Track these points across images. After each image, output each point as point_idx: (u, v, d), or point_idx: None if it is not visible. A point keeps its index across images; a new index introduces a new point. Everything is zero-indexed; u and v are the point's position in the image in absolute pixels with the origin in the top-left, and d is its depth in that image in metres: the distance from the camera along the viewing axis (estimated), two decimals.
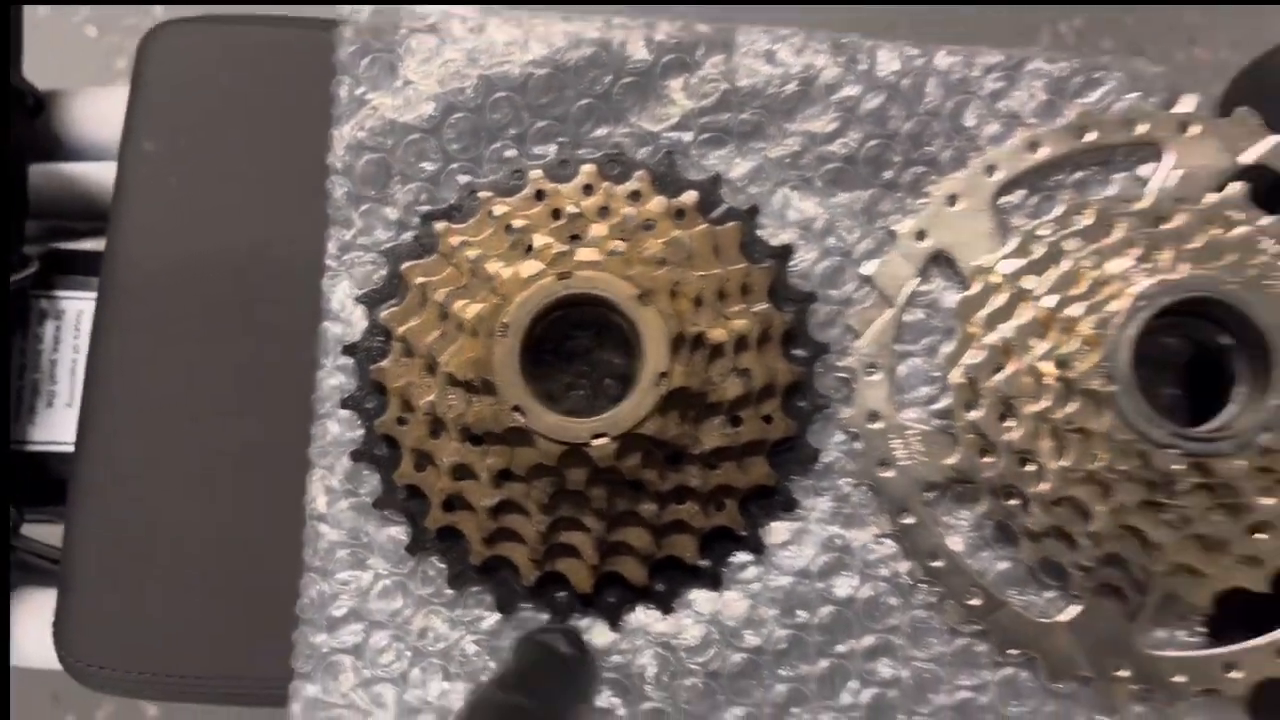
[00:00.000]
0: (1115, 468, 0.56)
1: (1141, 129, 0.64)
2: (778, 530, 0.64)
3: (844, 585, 0.63)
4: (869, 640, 0.63)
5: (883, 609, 0.63)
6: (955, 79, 0.66)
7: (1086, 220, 0.61)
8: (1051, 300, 0.59)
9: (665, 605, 0.63)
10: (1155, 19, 2.24)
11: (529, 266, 0.58)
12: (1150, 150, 0.65)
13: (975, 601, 0.61)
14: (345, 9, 0.64)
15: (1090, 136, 0.64)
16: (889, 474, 0.63)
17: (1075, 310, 0.58)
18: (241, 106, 0.68)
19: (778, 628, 0.63)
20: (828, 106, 0.66)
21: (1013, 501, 0.61)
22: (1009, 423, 0.60)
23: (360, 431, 0.64)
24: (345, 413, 0.64)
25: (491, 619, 0.63)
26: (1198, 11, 2.21)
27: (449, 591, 0.63)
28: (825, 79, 0.66)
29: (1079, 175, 0.66)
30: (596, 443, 0.56)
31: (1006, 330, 0.60)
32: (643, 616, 0.63)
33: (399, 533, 0.63)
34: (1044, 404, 0.58)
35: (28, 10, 0.71)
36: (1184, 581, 0.59)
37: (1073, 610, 0.60)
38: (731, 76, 0.66)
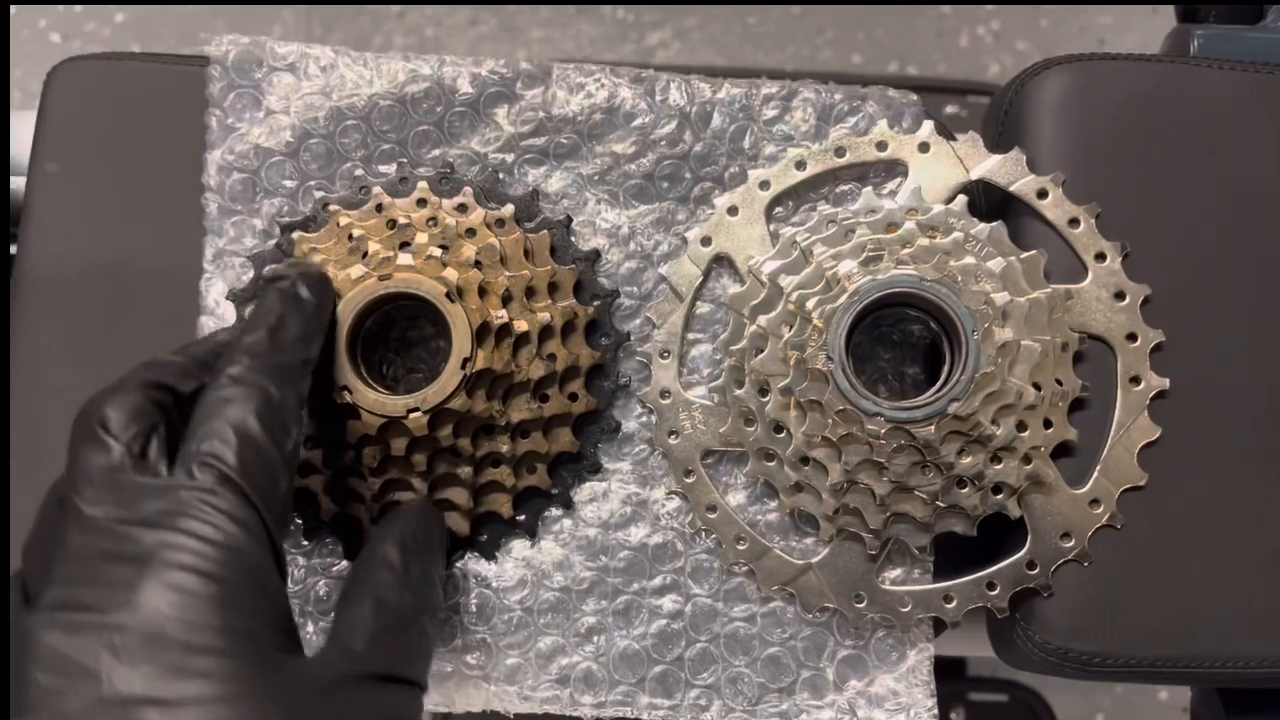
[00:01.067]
0: (840, 434, 0.68)
1: (889, 150, 0.76)
2: (586, 490, 0.76)
3: (639, 534, 0.75)
4: (659, 580, 0.75)
5: (670, 553, 0.75)
6: (738, 107, 0.78)
7: (832, 229, 0.73)
8: (797, 295, 0.71)
9: (488, 553, 0.75)
10: (1068, 22, 2.37)
11: (356, 270, 0.70)
12: (898, 167, 0.77)
13: (744, 546, 0.73)
14: (213, 49, 0.76)
15: (847, 157, 0.76)
16: (676, 441, 0.75)
17: (812, 304, 0.70)
18: (132, 133, 0.79)
19: (583, 570, 0.75)
20: (629, 132, 0.78)
21: (771, 463, 0.73)
22: (765, 398, 0.72)
23: None
24: None
25: (340, 564, 0.75)
26: (1109, 16, 2.34)
27: (305, 543, 0.75)
28: (626, 108, 0.78)
29: (840, 189, 0.78)
30: (411, 416, 0.68)
31: (765, 320, 0.72)
32: (470, 564, 0.75)
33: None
34: (788, 380, 0.70)
35: None
36: (908, 528, 0.71)
37: (822, 553, 0.72)
38: (548, 106, 0.78)
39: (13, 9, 2.23)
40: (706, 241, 0.77)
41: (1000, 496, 0.70)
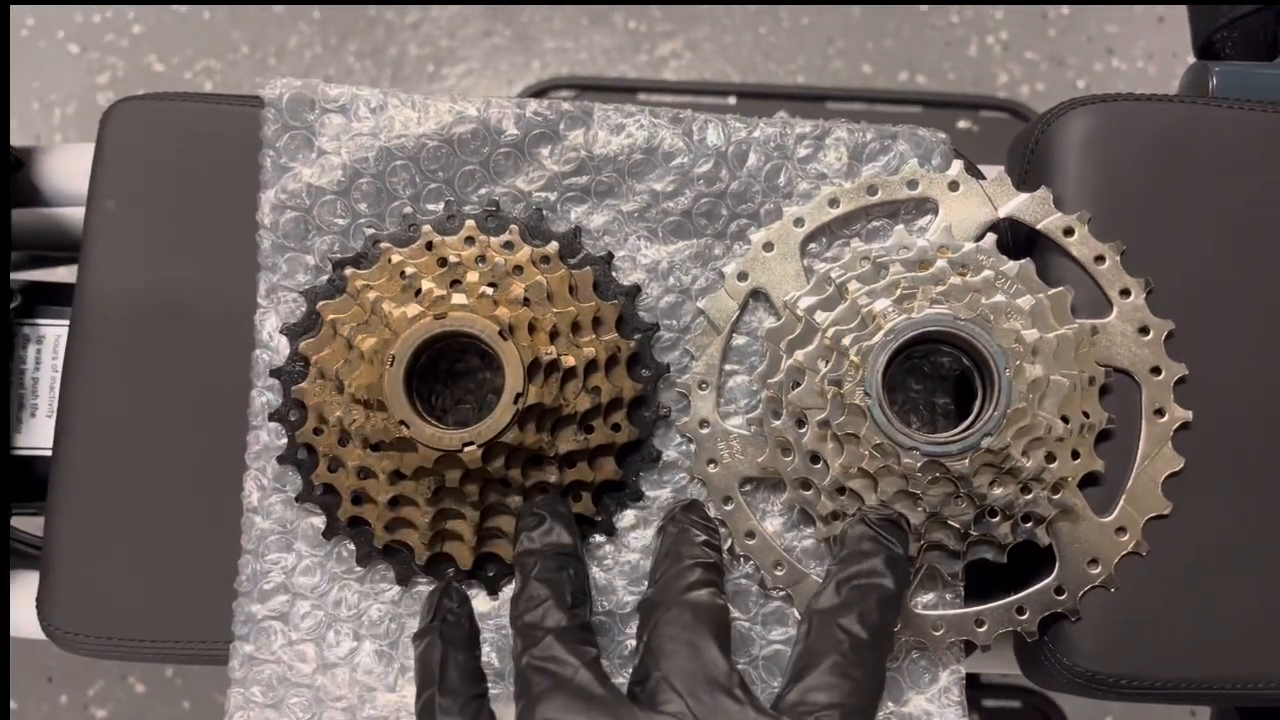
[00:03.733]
0: (877, 465, 0.71)
1: (920, 188, 0.79)
2: (627, 517, 0.79)
3: None
4: None
5: None
6: (773, 146, 0.81)
7: (865, 266, 0.76)
8: (833, 331, 0.74)
9: None
10: (1076, 32, 2.40)
11: (412, 309, 0.72)
12: (929, 205, 0.80)
13: (781, 571, 0.76)
14: (267, 91, 0.78)
15: (879, 195, 0.79)
16: (715, 470, 0.78)
17: (848, 340, 0.72)
18: (187, 172, 0.82)
19: (626, 595, 0.78)
20: (668, 170, 0.81)
21: (808, 491, 0.75)
22: (803, 429, 0.75)
23: (285, 441, 0.78)
24: (273, 425, 0.79)
25: (393, 590, 0.78)
26: (1116, 24, 2.37)
27: (358, 568, 0.78)
28: (665, 148, 0.80)
29: (872, 226, 0.80)
30: (466, 450, 0.71)
31: (801, 355, 0.75)
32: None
33: (318, 522, 0.78)
34: (825, 414, 0.73)
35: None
36: (940, 556, 0.74)
37: None
38: (590, 146, 0.81)
39: (31, 20, 2.25)
40: (743, 276, 0.79)
41: (1030, 525, 0.73)
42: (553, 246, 0.78)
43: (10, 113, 0.82)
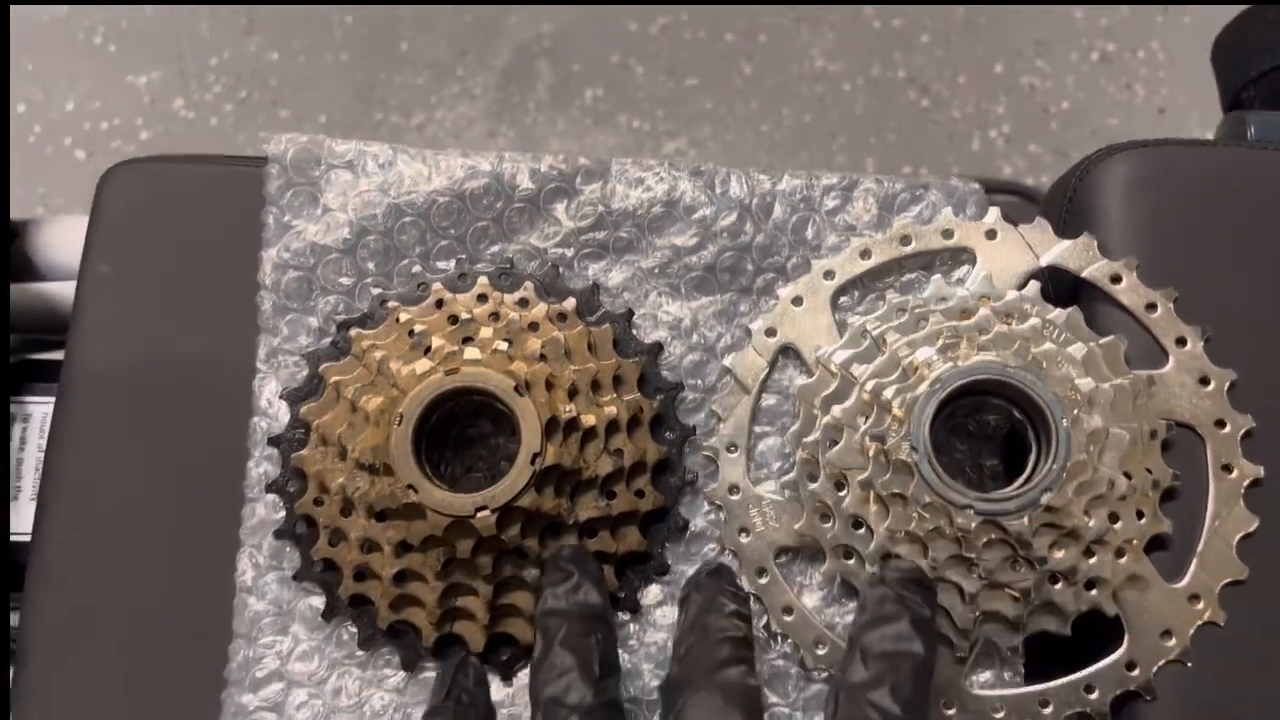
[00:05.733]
0: (926, 527, 0.65)
1: (955, 237, 0.75)
2: (652, 592, 0.73)
3: None
4: None
5: None
6: (799, 198, 0.77)
7: (904, 317, 0.71)
8: (872, 384, 0.69)
9: None
10: (1079, 124, 2.40)
11: (422, 365, 0.68)
12: (965, 255, 0.75)
13: (823, 650, 0.69)
14: (272, 147, 0.75)
15: (913, 245, 0.75)
16: (748, 539, 0.72)
17: (889, 393, 0.67)
18: (184, 234, 0.78)
19: (652, 679, 0.71)
20: (689, 224, 0.77)
21: (850, 560, 0.69)
22: (843, 492, 0.69)
23: (283, 513, 0.73)
24: (271, 497, 0.73)
25: (397, 676, 0.71)
26: (1118, 118, 2.37)
27: (360, 653, 0.71)
28: (686, 201, 0.77)
29: (906, 278, 0.76)
30: (479, 515, 0.65)
31: (839, 411, 0.70)
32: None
33: (317, 602, 0.72)
34: (868, 473, 0.67)
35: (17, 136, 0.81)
36: (997, 628, 0.68)
37: None
38: (607, 200, 0.77)
39: (38, 127, 2.26)
40: (771, 332, 0.75)
41: (1095, 592, 0.67)
42: (570, 303, 0.74)
43: (10, 185, 0.78)
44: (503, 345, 0.69)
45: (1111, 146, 0.77)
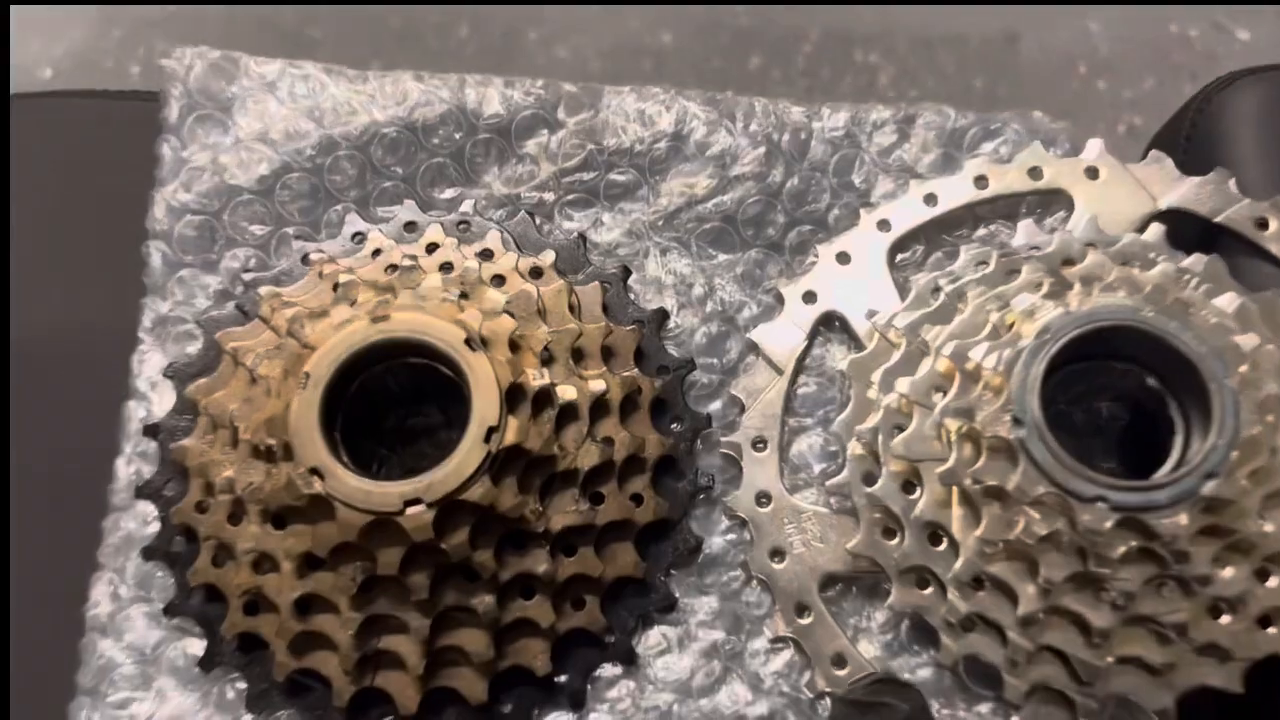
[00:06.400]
0: (1036, 533, 0.47)
1: (1046, 177, 0.58)
2: (654, 637, 0.54)
3: (732, 701, 0.52)
4: None
5: None
6: (841, 134, 0.61)
7: (987, 268, 0.54)
8: (952, 347, 0.51)
9: None
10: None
11: (340, 312, 0.50)
12: (1057, 199, 0.58)
13: None
14: (173, 61, 0.59)
15: (991, 187, 0.58)
16: (783, 565, 0.54)
17: (978, 354, 0.49)
18: (65, 178, 0.62)
19: None
20: (703, 164, 0.60)
21: (926, 590, 0.50)
22: (914, 494, 0.51)
23: (156, 526, 0.54)
24: (143, 505, 0.55)
25: None
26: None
27: (248, 717, 0.51)
28: (698, 136, 0.60)
29: (983, 231, 0.59)
30: (409, 512, 0.46)
31: (905, 386, 0.52)
32: None
33: (194, 646, 0.53)
34: (950, 464, 0.49)
35: None
36: (1138, 680, 0.48)
37: None
38: (598, 135, 0.60)
39: None
40: (810, 297, 0.57)
41: (1275, 631, 0.47)
42: (548, 256, 0.57)
43: None
44: (452, 293, 0.51)
45: (1235, 73, 0.61)
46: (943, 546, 0.51)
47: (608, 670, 0.53)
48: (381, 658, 0.51)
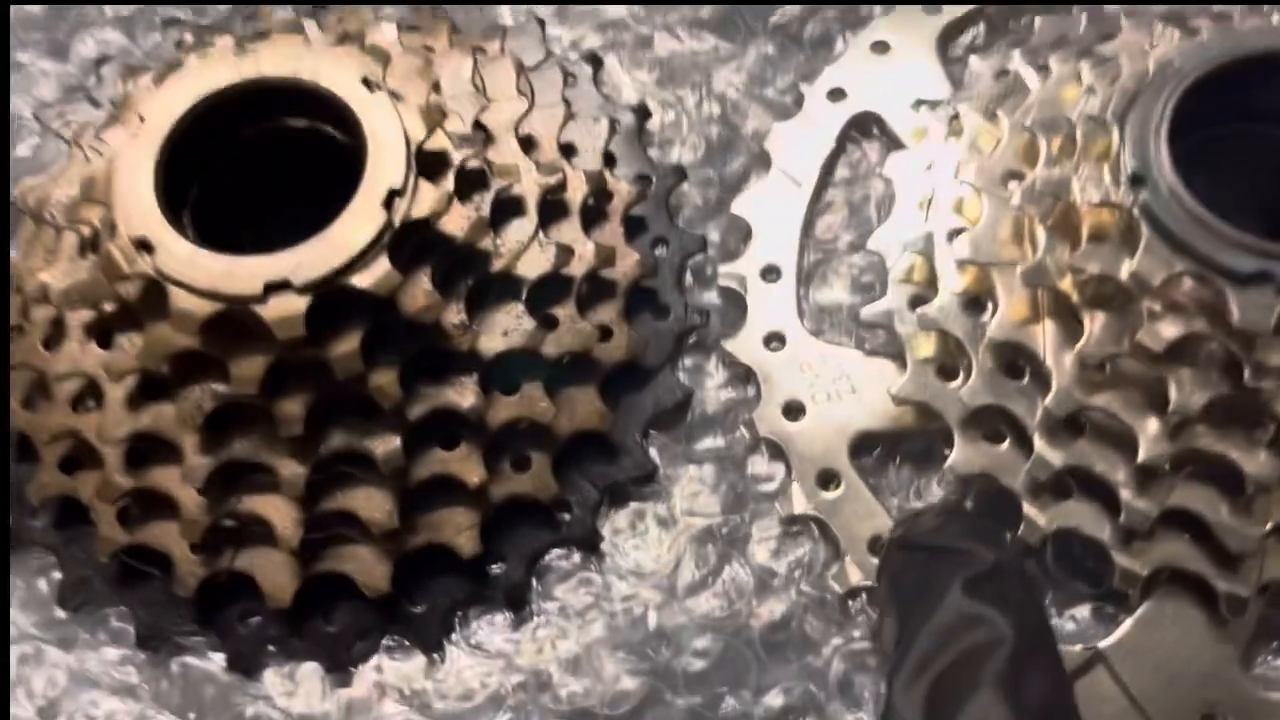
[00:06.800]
0: (1165, 337, 0.33)
1: None
2: (624, 516, 0.40)
3: (733, 603, 0.38)
4: (777, 697, 0.37)
5: (797, 640, 0.38)
6: None
7: (1082, 28, 0.41)
8: (1034, 114, 0.37)
9: (426, 638, 0.37)
10: None
11: (198, 61, 0.36)
12: None
13: None
14: None
15: None
16: (801, 423, 0.40)
17: (1071, 112, 0.36)
18: None
19: (624, 674, 0.37)
20: None
21: (1003, 445, 0.36)
22: (984, 315, 0.37)
23: None
24: None
25: (127, 666, 0.37)
26: None
27: (62, 615, 0.37)
28: None
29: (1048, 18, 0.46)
30: (274, 301, 0.32)
31: (972, 174, 0.39)
32: (386, 662, 0.37)
33: None
34: (1037, 258, 0.35)
35: None
36: None
37: (1124, 624, 0.35)
38: None
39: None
40: (838, 95, 0.45)
41: None
42: (493, 41, 0.44)
43: None
44: (351, 49, 0.38)
45: None
46: (1025, 379, 0.37)
47: (560, 558, 0.39)
48: (244, 531, 0.37)
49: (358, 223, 0.35)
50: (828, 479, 0.41)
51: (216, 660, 0.38)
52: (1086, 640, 0.38)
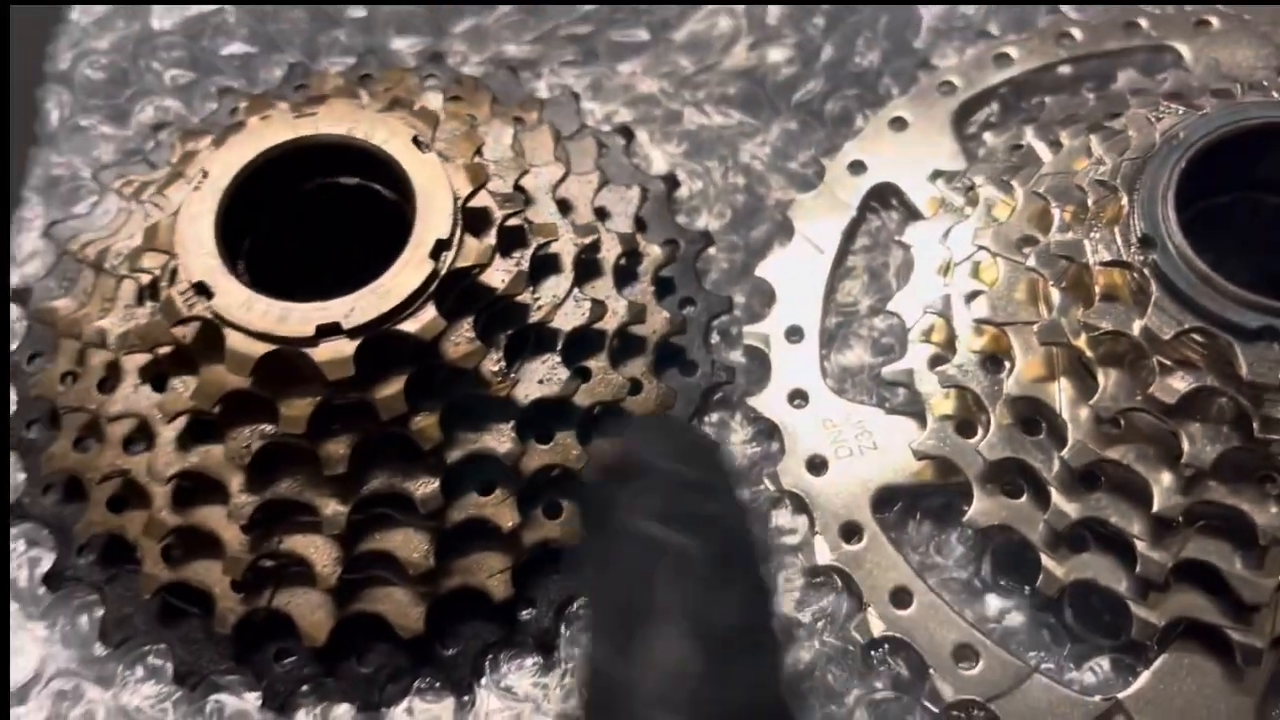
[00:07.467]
0: (1177, 390, 0.34)
1: (1147, 29, 0.48)
2: None
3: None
4: None
5: (825, 690, 0.38)
6: None
7: (1078, 122, 0.43)
8: (1048, 183, 0.39)
9: (460, 683, 0.38)
10: None
11: (258, 121, 0.39)
12: (1159, 57, 0.48)
13: (973, 669, 0.36)
14: None
15: (1078, 43, 0.48)
16: (824, 478, 0.41)
17: (1083, 180, 0.38)
18: None
19: None
20: (724, 14, 0.50)
21: (1019, 499, 0.38)
22: (1002, 372, 0.39)
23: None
24: None
25: (165, 702, 0.38)
26: None
27: (102, 650, 0.38)
28: None
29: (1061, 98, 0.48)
30: (326, 344, 0.34)
31: (988, 239, 0.40)
32: (422, 706, 0.38)
33: (45, 556, 0.40)
34: (1051, 317, 0.37)
35: None
36: None
37: (1142, 676, 0.35)
38: None
39: None
40: (858, 168, 0.46)
41: None
42: (533, 114, 0.46)
43: None
44: (401, 114, 0.40)
45: None
46: (1041, 434, 0.38)
47: (587, 604, 0.39)
48: (283, 570, 0.38)
49: (407, 271, 0.37)
50: (851, 531, 0.42)
51: (251, 699, 0.39)
52: (1106, 691, 0.38)
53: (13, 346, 0.45)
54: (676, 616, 0.30)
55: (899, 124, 0.49)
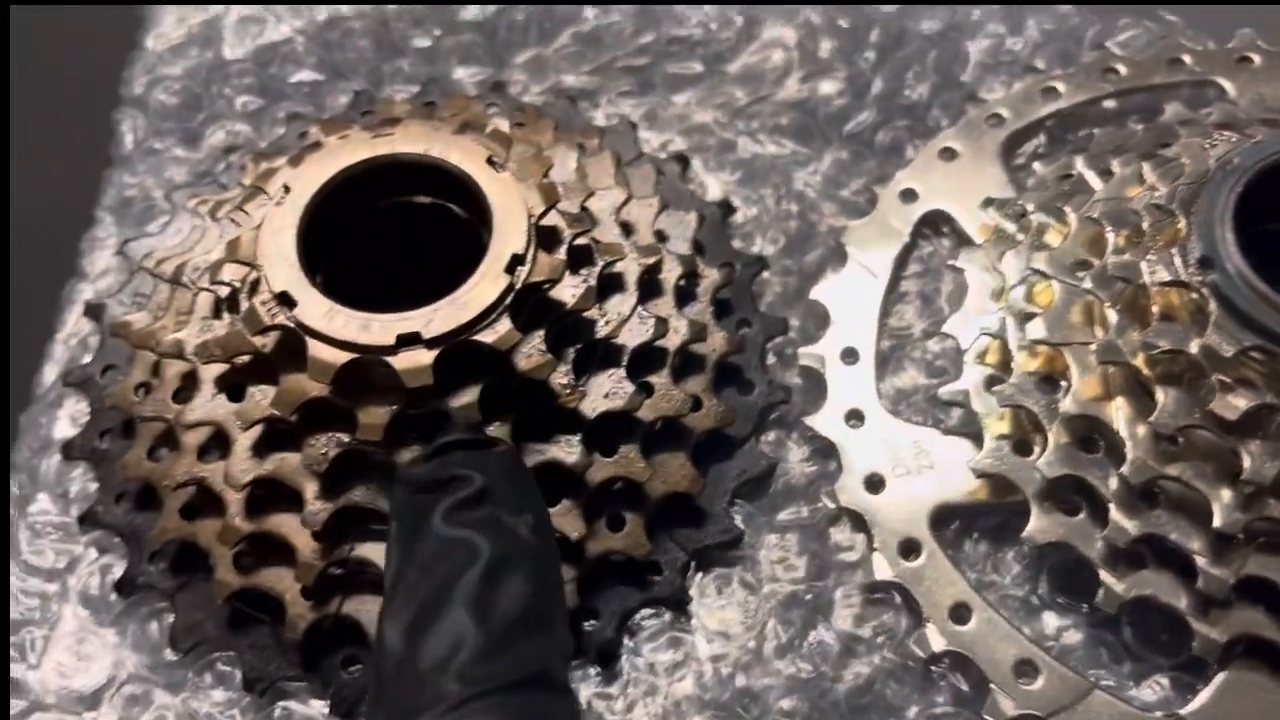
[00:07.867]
0: (1238, 406, 0.35)
1: (1190, 65, 0.49)
2: (712, 579, 0.41)
3: (819, 666, 0.39)
4: None
5: (880, 704, 0.38)
6: (941, 28, 0.52)
7: (1127, 153, 0.44)
8: (1099, 210, 0.40)
9: None
10: None
11: (335, 143, 0.40)
12: (1202, 92, 0.49)
13: (1035, 685, 0.37)
14: None
15: (1123, 78, 0.49)
16: (882, 496, 0.41)
17: (1137, 204, 0.39)
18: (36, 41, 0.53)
19: None
20: (776, 49, 0.51)
21: (1077, 516, 0.38)
22: (1059, 392, 0.39)
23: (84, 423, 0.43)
24: (72, 402, 0.44)
25: (234, 709, 0.38)
26: None
27: (172, 656, 0.38)
28: (770, 33, 0.52)
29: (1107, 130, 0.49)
30: (405, 353, 0.35)
31: (1043, 262, 0.41)
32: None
33: (115, 567, 0.40)
34: (1107, 337, 0.37)
35: None
36: None
37: (1201, 695, 0.35)
38: (654, 18, 0.52)
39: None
40: (910, 195, 0.47)
41: None
42: (594, 141, 0.47)
43: None
44: (474, 136, 0.41)
45: None
46: (1099, 453, 0.38)
47: (649, 617, 0.40)
48: (352, 577, 0.38)
49: (484, 284, 0.38)
50: (909, 548, 0.42)
51: (318, 706, 0.39)
52: (1167, 708, 0.38)
53: (86, 360, 0.46)
54: (465, 608, 0.32)
55: (949, 154, 0.50)
